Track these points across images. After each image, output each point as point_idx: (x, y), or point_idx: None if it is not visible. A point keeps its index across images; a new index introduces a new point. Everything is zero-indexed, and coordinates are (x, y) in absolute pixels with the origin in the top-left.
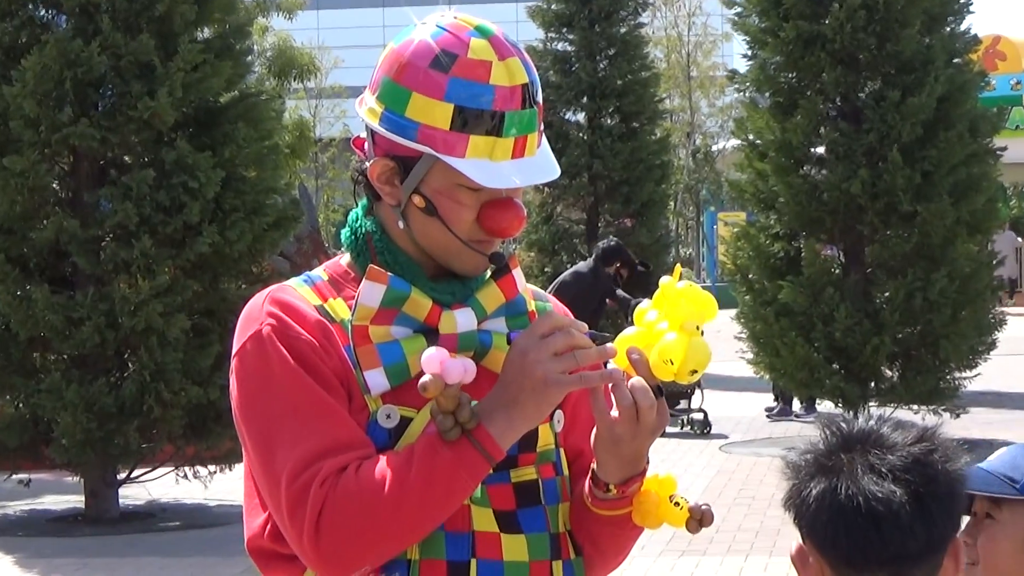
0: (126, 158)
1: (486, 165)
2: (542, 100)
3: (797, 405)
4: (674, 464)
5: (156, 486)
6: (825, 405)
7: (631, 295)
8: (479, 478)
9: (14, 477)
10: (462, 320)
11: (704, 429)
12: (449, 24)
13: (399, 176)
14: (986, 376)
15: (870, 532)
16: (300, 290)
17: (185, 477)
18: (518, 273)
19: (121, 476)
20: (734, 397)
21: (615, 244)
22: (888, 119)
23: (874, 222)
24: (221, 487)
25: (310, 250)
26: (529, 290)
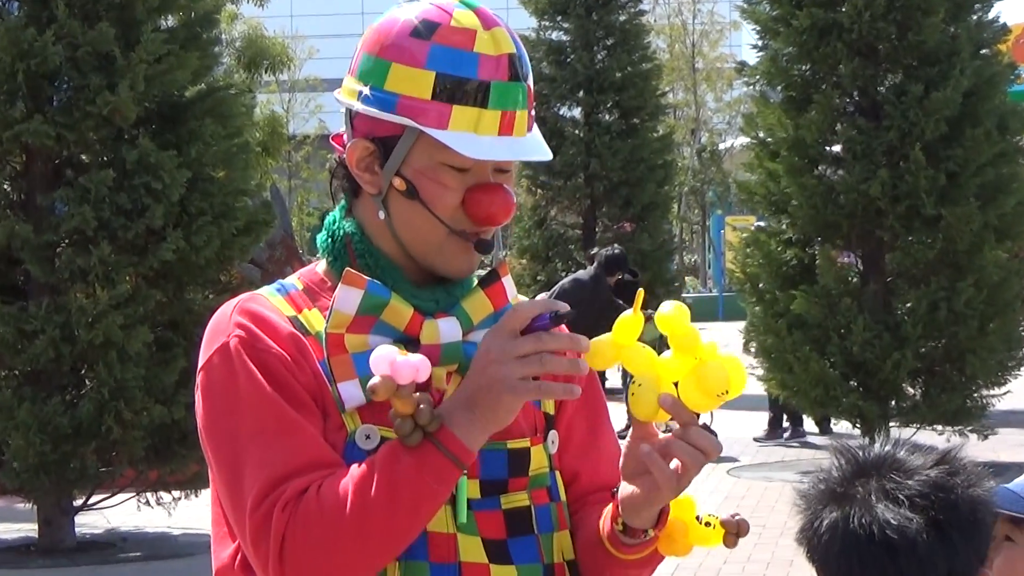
0: (83, 157)
1: (470, 138)
2: (534, 94)
3: (793, 425)
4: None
5: (116, 513)
6: (842, 425)
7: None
8: (449, 484)
9: None
10: (446, 330)
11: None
12: (436, 1)
13: (379, 160)
14: (1016, 394)
15: (885, 563)
16: (272, 300)
17: (147, 504)
18: (508, 281)
19: (78, 503)
20: (743, 417)
21: (620, 252)
22: (910, 115)
23: (895, 227)
24: (186, 514)
25: (283, 257)
26: (520, 300)
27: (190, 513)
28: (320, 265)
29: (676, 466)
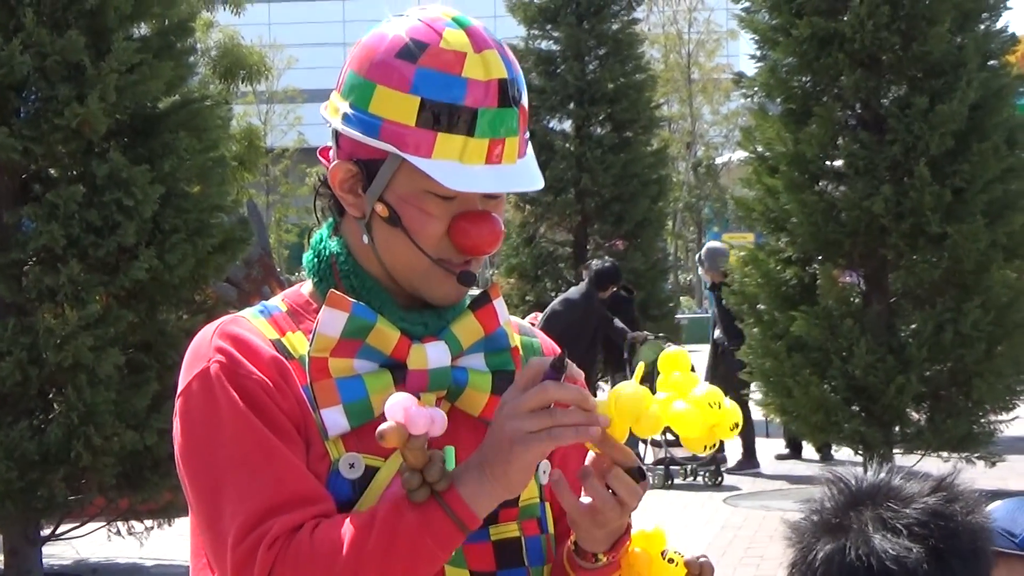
0: (52, 172)
1: (455, 167)
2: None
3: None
4: (673, 519)
5: (85, 544)
6: (843, 452)
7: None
8: (449, 548)
9: None
10: (434, 355)
11: (716, 479)
12: (425, 16)
13: (363, 183)
14: None
15: None
16: (255, 322)
17: (118, 533)
18: (499, 303)
19: (45, 532)
20: (728, 444)
21: (611, 265)
22: (914, 129)
23: (899, 245)
24: (159, 545)
25: (260, 276)
26: (513, 323)
27: (163, 543)
28: (306, 286)
29: (589, 502)
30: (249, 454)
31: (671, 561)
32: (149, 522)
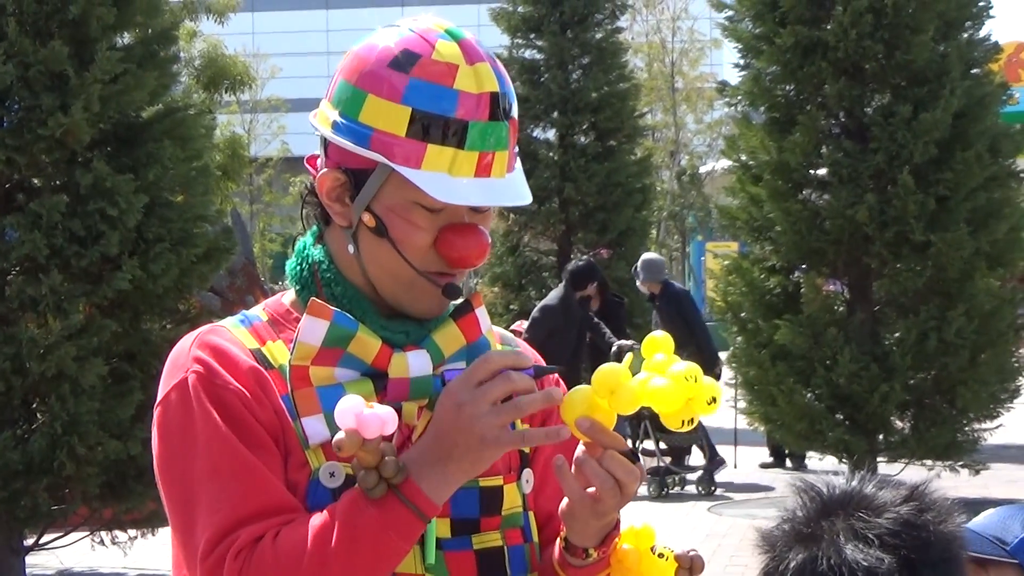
0: (35, 181)
1: (444, 179)
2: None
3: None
4: (657, 528)
5: (69, 553)
6: (828, 460)
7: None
8: (411, 539)
9: None
10: (415, 363)
11: (710, 488)
12: (418, 27)
13: (350, 192)
14: (1009, 428)
15: None
16: (235, 332)
17: (102, 543)
18: (481, 312)
19: (29, 542)
20: (724, 452)
21: (585, 264)
22: (898, 137)
23: (882, 253)
24: (143, 554)
25: (244, 285)
26: (496, 333)
27: (146, 553)
28: (287, 295)
29: (591, 491)
30: (221, 466)
31: (661, 556)
32: (133, 532)
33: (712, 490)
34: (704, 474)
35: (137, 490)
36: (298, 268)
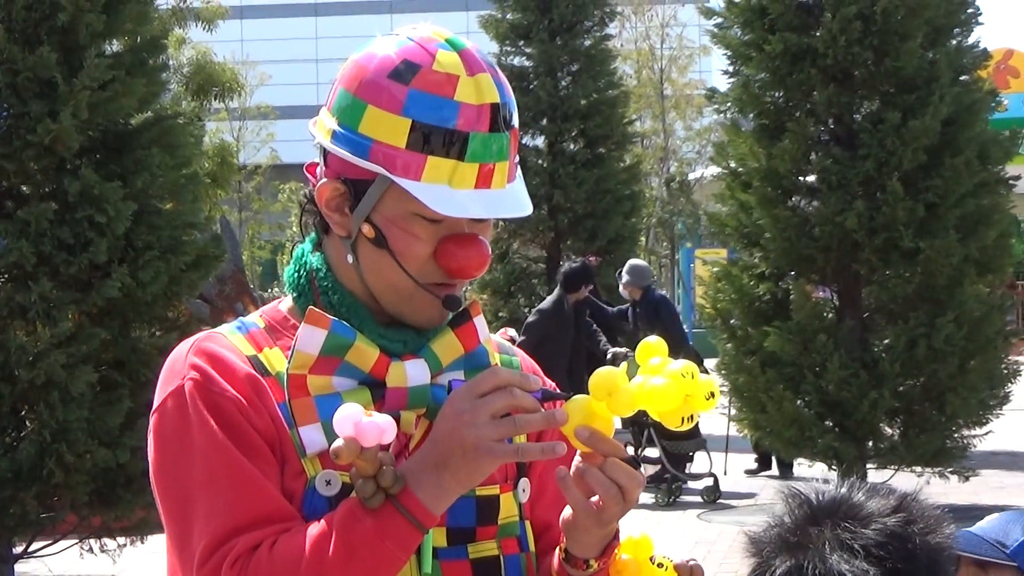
0: (23, 188)
1: (444, 191)
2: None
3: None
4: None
5: (58, 561)
6: (818, 467)
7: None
8: (409, 549)
9: None
10: (413, 372)
11: (715, 496)
12: (419, 36)
13: (350, 202)
14: (998, 434)
15: None
16: (231, 338)
17: (91, 551)
18: (480, 321)
19: (18, 550)
20: (714, 459)
21: (579, 265)
22: (887, 144)
23: (871, 260)
24: (132, 562)
25: (233, 292)
26: (493, 341)
27: (135, 560)
28: (285, 302)
29: (595, 500)
30: (217, 474)
31: (660, 566)
32: (122, 539)
33: (716, 498)
34: (711, 482)
35: (126, 498)
36: (296, 275)
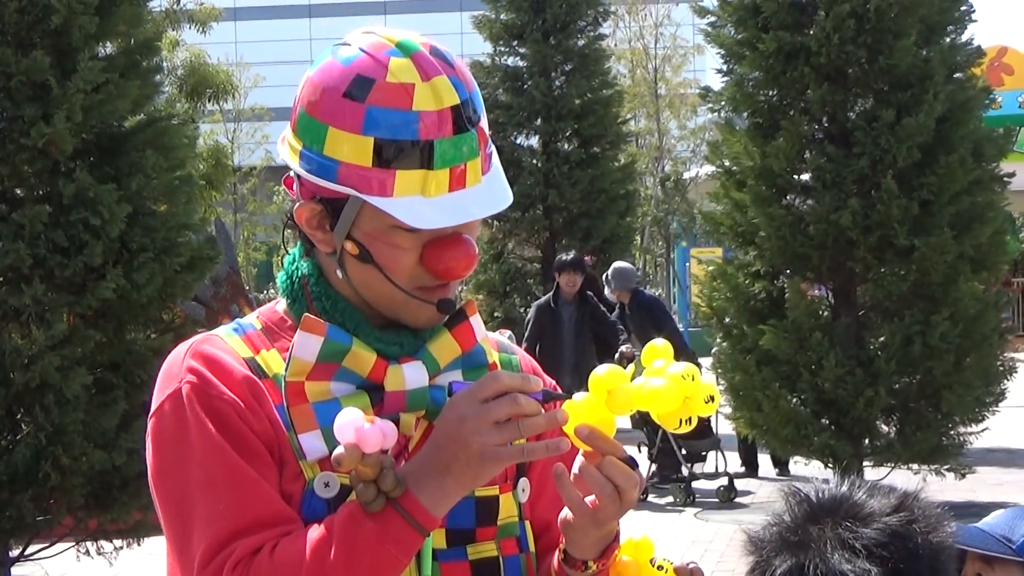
0: (18, 191)
1: (418, 203)
2: (490, 123)
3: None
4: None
5: (54, 564)
6: (813, 465)
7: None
8: (410, 552)
9: None
10: (411, 375)
11: (730, 496)
12: (368, 44)
13: (329, 220)
14: (995, 431)
15: None
16: (228, 341)
17: (87, 553)
18: (476, 320)
19: (14, 553)
20: (709, 456)
21: (574, 256)
22: (881, 142)
23: (867, 258)
24: (128, 564)
25: (228, 294)
26: (491, 339)
27: (132, 563)
28: (280, 304)
29: (591, 499)
30: (217, 477)
31: (660, 568)
32: (118, 542)
33: (732, 496)
34: (727, 481)
35: (122, 500)
36: (288, 282)
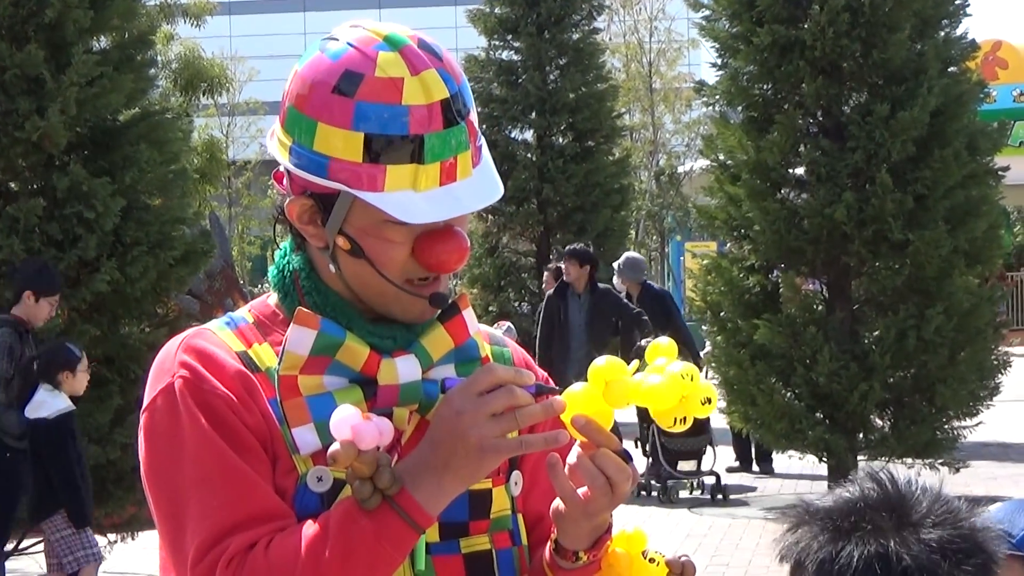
0: (12, 185)
1: (409, 197)
2: (484, 117)
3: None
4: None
5: None
6: (808, 459)
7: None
8: (405, 550)
9: None
10: (404, 369)
11: (719, 493)
12: (356, 39)
13: (320, 215)
14: (989, 425)
15: None
16: (221, 334)
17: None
18: (469, 314)
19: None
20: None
21: (581, 247)
22: (876, 136)
23: (861, 252)
24: (122, 558)
25: (223, 288)
26: (483, 332)
27: (127, 557)
28: (272, 297)
29: (583, 490)
30: (210, 472)
31: (652, 561)
32: (113, 536)
33: (722, 495)
34: (714, 480)
35: (116, 494)
36: (279, 276)
